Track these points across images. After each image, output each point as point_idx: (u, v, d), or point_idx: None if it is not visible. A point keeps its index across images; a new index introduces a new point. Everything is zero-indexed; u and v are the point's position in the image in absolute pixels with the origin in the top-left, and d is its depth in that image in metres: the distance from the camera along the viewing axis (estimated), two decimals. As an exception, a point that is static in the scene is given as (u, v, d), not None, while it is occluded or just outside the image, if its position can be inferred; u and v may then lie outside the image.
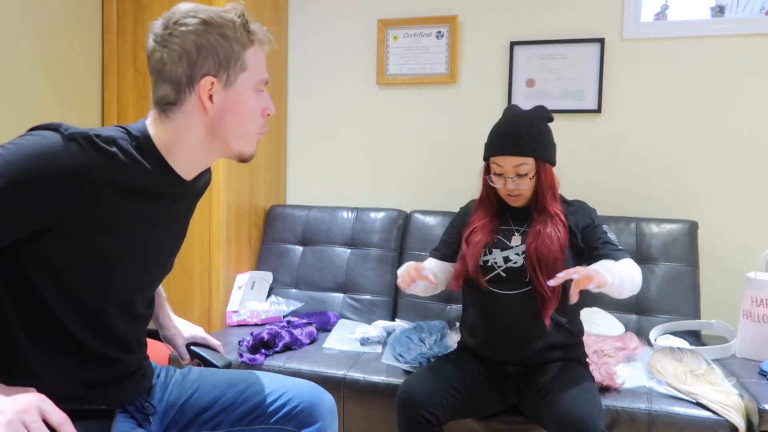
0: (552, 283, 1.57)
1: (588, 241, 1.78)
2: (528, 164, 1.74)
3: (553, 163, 1.81)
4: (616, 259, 1.71)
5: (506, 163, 1.75)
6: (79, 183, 0.98)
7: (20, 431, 0.81)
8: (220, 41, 1.08)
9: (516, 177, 1.75)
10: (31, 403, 0.84)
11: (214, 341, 1.49)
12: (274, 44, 1.17)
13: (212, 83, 1.08)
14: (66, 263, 1.03)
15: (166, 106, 1.10)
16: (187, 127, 1.11)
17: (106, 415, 0.99)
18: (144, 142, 1.09)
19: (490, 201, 1.86)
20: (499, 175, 1.77)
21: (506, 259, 1.77)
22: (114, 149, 1.04)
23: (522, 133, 1.75)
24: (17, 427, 0.81)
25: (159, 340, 1.46)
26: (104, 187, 1.02)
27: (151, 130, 1.11)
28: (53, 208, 0.97)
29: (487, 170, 1.83)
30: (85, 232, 1.02)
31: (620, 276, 1.61)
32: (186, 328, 1.47)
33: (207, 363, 1.43)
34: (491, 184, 1.80)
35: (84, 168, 0.99)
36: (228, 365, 1.44)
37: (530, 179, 1.75)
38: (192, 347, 1.46)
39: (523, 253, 1.75)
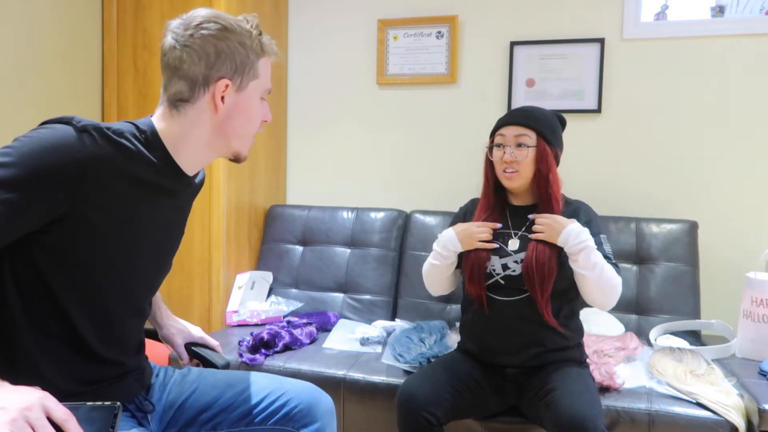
0: (531, 216, 1.76)
1: None
2: (529, 137, 1.77)
3: (557, 154, 1.81)
4: None
5: (509, 132, 1.79)
6: (92, 173, 1.02)
7: (24, 429, 0.81)
8: (239, 48, 1.15)
9: (515, 147, 1.77)
10: (34, 400, 0.84)
11: (212, 341, 1.51)
12: (280, 57, 1.23)
13: (226, 85, 1.15)
14: (76, 254, 1.05)
15: (178, 102, 1.15)
16: (196, 123, 1.16)
17: (109, 410, 0.99)
18: (151, 137, 1.14)
19: (490, 196, 1.86)
20: (500, 146, 1.80)
21: (505, 267, 1.77)
22: (123, 141, 1.08)
23: (528, 111, 1.83)
24: (21, 425, 0.81)
25: (157, 340, 1.47)
26: (115, 177, 1.06)
27: (159, 125, 1.16)
28: (67, 197, 1.00)
29: (490, 158, 1.84)
30: (95, 222, 1.05)
31: (601, 269, 1.67)
32: (184, 328, 1.48)
33: (206, 363, 1.44)
34: (490, 158, 1.84)
35: (97, 158, 1.03)
36: (227, 365, 1.45)
37: (529, 154, 1.76)
38: (191, 347, 1.46)
39: (522, 261, 1.75)
